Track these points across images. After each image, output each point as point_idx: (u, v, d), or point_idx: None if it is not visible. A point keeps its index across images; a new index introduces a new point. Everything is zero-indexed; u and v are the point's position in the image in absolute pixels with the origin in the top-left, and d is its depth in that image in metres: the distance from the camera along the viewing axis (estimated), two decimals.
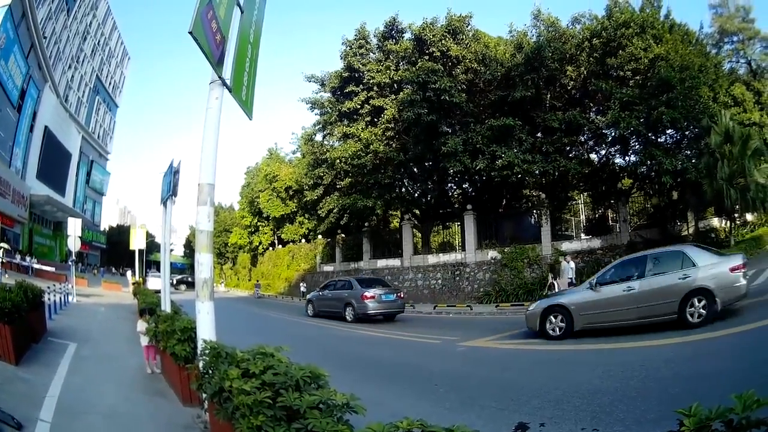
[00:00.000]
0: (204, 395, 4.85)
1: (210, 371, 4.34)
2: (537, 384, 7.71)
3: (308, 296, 25.29)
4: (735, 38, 39.11)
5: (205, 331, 5.77)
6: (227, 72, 6.30)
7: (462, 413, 6.45)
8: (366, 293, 19.58)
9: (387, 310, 20.07)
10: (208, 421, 5.35)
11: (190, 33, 5.13)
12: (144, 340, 8.89)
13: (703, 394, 5.68)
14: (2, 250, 28.74)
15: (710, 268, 10.82)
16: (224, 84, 6.21)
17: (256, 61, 7.38)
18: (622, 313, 11.37)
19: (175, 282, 54.65)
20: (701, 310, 10.42)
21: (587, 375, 7.91)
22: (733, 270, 10.66)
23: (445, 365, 10.42)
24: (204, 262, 6.01)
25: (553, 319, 12.25)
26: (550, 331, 12.16)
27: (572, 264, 19.92)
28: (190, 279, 56.94)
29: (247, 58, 6.99)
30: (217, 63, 6.02)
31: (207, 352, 4.58)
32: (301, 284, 40.56)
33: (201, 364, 4.72)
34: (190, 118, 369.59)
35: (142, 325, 9.06)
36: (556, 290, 18.07)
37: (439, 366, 10.31)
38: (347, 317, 19.97)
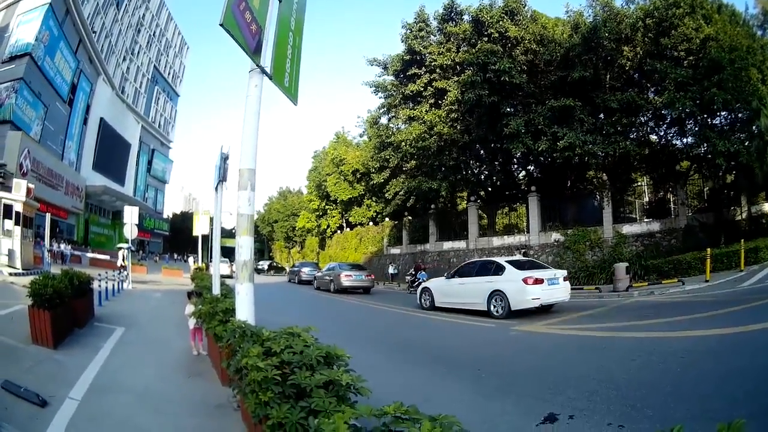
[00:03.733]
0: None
1: (238, 350, 4.48)
2: (577, 372, 7.61)
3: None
4: None
5: (243, 312, 5.89)
6: (267, 60, 6.37)
7: (497, 400, 6.47)
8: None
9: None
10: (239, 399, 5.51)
11: (221, 25, 5.24)
12: (191, 323, 9.14)
13: (735, 394, 5.67)
14: (123, 250, 29.10)
15: None
16: (263, 72, 6.30)
17: (299, 48, 7.40)
18: None
19: (266, 268, 58.54)
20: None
21: (628, 365, 7.75)
22: None
23: (494, 350, 10.40)
24: (244, 245, 6.11)
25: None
26: None
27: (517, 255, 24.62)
28: (275, 264, 62.12)
29: (288, 46, 7.02)
30: (254, 52, 6.10)
31: (235, 331, 4.72)
32: (390, 266, 38.39)
33: (230, 343, 4.87)
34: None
35: (189, 308, 9.28)
36: None
37: (487, 350, 10.32)
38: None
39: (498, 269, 15.54)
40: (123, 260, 27.49)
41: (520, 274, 14.55)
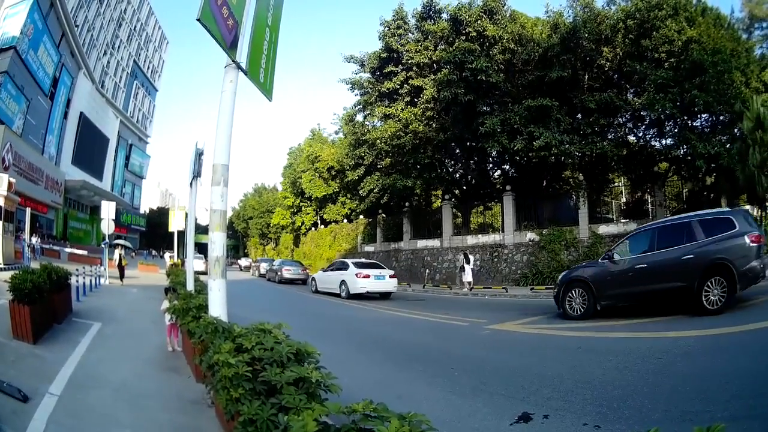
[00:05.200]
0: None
1: (210, 346, 4.43)
2: (552, 372, 7.57)
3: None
4: (765, 24, 37.84)
5: (216, 308, 5.86)
6: (243, 55, 6.35)
7: (470, 399, 6.43)
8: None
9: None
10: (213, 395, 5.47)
11: (198, 20, 5.22)
12: (167, 318, 9.07)
13: (713, 395, 5.65)
14: (120, 248, 28.29)
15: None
16: (239, 67, 6.26)
17: (275, 44, 7.39)
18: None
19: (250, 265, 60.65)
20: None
21: (604, 365, 7.70)
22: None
23: (467, 348, 10.33)
24: (217, 240, 6.09)
25: None
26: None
27: (460, 256, 26.64)
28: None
29: (264, 41, 7.01)
30: (230, 47, 6.08)
31: (207, 327, 4.68)
32: None
33: (203, 339, 4.83)
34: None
35: (165, 304, 9.22)
36: (466, 272, 25.19)
37: (460, 349, 10.26)
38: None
39: (346, 266, 23.04)
40: (121, 259, 27.16)
41: (355, 270, 21.98)
